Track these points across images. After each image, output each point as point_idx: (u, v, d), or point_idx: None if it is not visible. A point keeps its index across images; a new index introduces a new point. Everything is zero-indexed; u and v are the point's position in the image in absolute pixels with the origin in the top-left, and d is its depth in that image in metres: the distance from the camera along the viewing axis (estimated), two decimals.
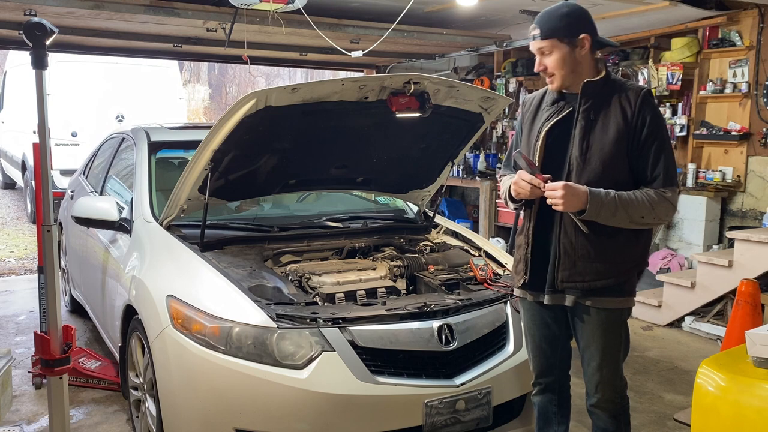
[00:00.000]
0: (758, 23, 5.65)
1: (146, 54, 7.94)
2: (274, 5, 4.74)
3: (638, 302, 5.63)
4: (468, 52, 7.48)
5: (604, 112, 2.32)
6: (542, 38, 2.32)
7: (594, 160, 2.31)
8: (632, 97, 2.30)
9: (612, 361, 2.44)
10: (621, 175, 2.32)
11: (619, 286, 2.40)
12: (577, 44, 2.31)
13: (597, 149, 2.31)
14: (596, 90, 2.34)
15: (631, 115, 2.29)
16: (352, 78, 2.97)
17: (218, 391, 2.54)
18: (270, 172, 3.34)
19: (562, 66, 2.33)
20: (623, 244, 2.36)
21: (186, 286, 2.82)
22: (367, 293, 3.02)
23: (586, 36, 2.31)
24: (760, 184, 5.71)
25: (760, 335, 2.34)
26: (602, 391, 2.47)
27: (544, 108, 2.47)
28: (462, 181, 7.90)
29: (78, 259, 4.54)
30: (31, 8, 5.00)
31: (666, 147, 2.31)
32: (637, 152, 2.31)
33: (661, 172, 2.30)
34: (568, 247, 2.36)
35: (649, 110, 2.29)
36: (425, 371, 2.67)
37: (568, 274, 2.37)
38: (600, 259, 2.35)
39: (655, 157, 2.30)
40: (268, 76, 26.38)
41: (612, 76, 2.39)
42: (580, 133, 2.33)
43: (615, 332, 2.43)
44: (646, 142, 2.29)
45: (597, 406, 2.50)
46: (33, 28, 2.32)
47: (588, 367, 2.49)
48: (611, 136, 2.29)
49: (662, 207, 2.29)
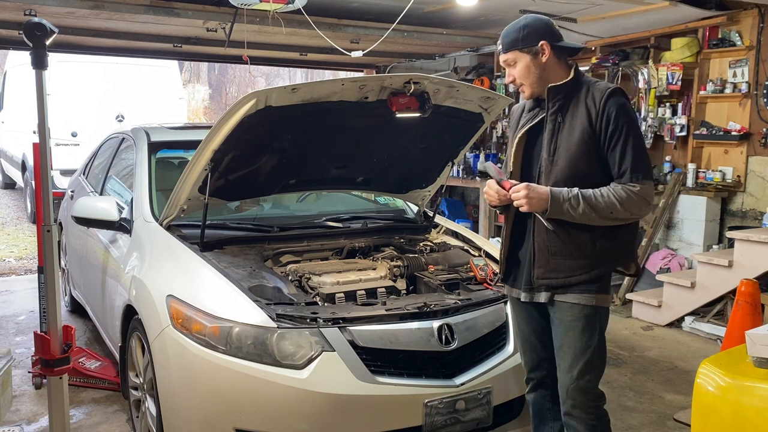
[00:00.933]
0: (758, 23, 5.65)
1: (146, 54, 7.94)
2: (274, 5, 4.74)
3: (638, 302, 5.64)
4: (468, 52, 7.48)
5: (571, 114, 2.38)
6: (504, 51, 2.44)
7: (561, 161, 2.37)
8: (597, 96, 2.35)
9: (584, 362, 2.41)
10: (590, 174, 2.36)
11: (593, 283, 2.39)
12: (538, 52, 2.38)
13: (563, 150, 2.37)
14: (562, 93, 2.40)
15: (595, 113, 2.33)
16: (352, 78, 2.97)
17: (218, 391, 2.54)
18: (270, 172, 3.34)
19: (528, 74, 2.41)
20: (598, 240, 2.38)
21: (186, 286, 2.82)
22: (367, 293, 3.02)
23: (544, 42, 2.38)
24: (760, 184, 5.71)
25: (760, 335, 2.34)
26: (573, 397, 2.44)
27: (523, 115, 2.56)
28: (462, 181, 7.89)
29: (78, 259, 4.54)
30: (31, 8, 5.00)
31: (632, 141, 2.33)
32: (604, 149, 2.35)
33: (628, 166, 2.32)
34: (542, 245, 2.41)
35: (614, 107, 2.32)
36: (425, 371, 2.67)
37: (542, 271, 2.42)
38: (573, 256, 2.38)
39: (622, 151, 2.32)
40: (268, 76, 26.38)
41: (582, 78, 2.44)
42: (548, 135, 2.41)
43: (587, 331, 2.40)
44: (612, 138, 2.33)
45: (570, 414, 2.46)
46: (33, 28, 2.33)
47: (560, 370, 2.47)
48: (576, 136, 2.35)
49: (630, 201, 2.30)
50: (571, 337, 2.42)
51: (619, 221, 2.36)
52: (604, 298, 2.44)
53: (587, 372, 2.43)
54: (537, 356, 2.62)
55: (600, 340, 2.44)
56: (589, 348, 2.42)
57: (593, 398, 2.46)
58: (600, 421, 2.48)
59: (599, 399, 2.49)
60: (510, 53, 2.42)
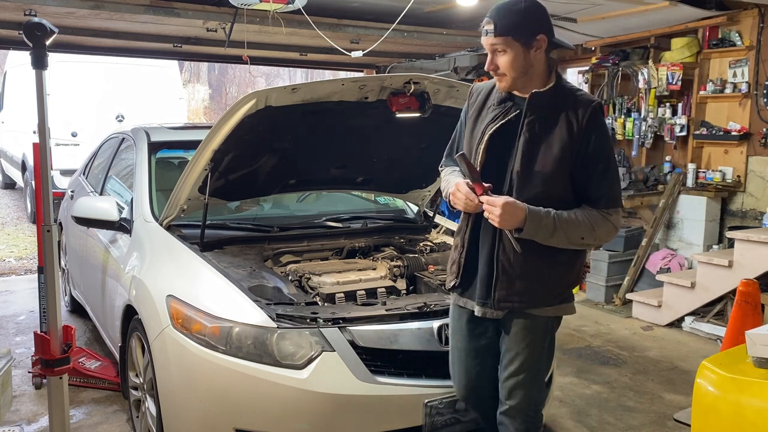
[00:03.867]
0: (758, 23, 5.65)
1: (146, 54, 7.94)
2: (274, 5, 4.74)
3: (638, 302, 5.64)
4: (468, 52, 7.47)
5: (549, 126, 2.17)
6: (496, 35, 2.12)
7: (535, 177, 2.18)
8: (580, 112, 2.15)
9: (531, 368, 2.29)
10: (562, 193, 2.20)
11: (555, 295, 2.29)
12: (533, 45, 2.14)
13: (540, 166, 2.17)
14: (543, 102, 2.18)
15: (577, 131, 2.14)
16: (352, 78, 2.97)
17: (218, 391, 2.54)
18: (270, 172, 3.34)
19: (515, 67, 2.15)
20: (562, 264, 2.26)
21: (186, 286, 2.82)
22: (367, 293, 3.03)
23: (543, 37, 2.15)
24: (760, 184, 5.71)
25: (760, 335, 2.34)
26: (515, 398, 2.30)
27: (490, 106, 2.30)
28: None
29: (78, 259, 4.54)
30: (31, 8, 5.00)
31: (611, 167, 2.21)
32: (579, 170, 2.18)
33: (606, 192, 2.19)
34: (507, 265, 2.23)
35: (596, 127, 2.16)
36: (425, 371, 2.67)
37: (505, 294, 2.24)
38: (538, 281, 2.24)
39: (600, 177, 2.19)
40: (268, 76, 26.38)
41: (563, 84, 2.23)
42: (523, 147, 2.18)
43: (539, 338, 2.29)
44: (591, 160, 2.17)
45: (507, 414, 2.33)
46: (33, 28, 2.33)
47: (504, 371, 2.32)
48: (554, 153, 2.16)
49: (604, 228, 2.20)
50: (521, 342, 2.28)
51: (583, 246, 2.25)
52: (564, 308, 2.33)
53: (534, 379, 2.32)
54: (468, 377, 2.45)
55: (549, 348, 2.37)
56: (540, 355, 2.32)
57: (535, 402, 2.35)
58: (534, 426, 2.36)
59: (540, 405, 2.40)
60: (501, 39, 2.12)
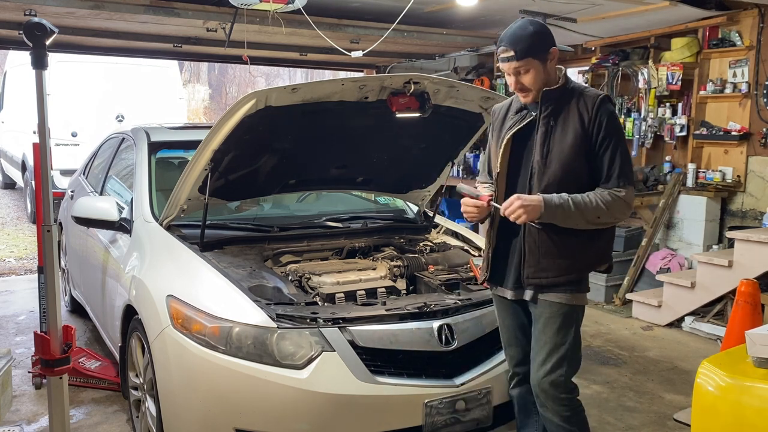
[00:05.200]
0: (758, 23, 5.65)
1: (146, 54, 7.94)
2: (274, 5, 4.74)
3: (638, 302, 5.64)
4: (468, 52, 7.47)
5: (563, 118, 2.43)
6: (518, 59, 2.39)
7: (554, 163, 2.43)
8: (589, 102, 2.41)
9: (558, 357, 2.46)
10: (580, 177, 2.43)
11: (574, 283, 2.48)
12: (548, 58, 2.43)
13: (557, 153, 2.42)
14: (555, 97, 2.45)
15: (588, 119, 2.39)
16: (352, 78, 2.97)
17: (218, 391, 2.54)
18: (270, 172, 3.34)
19: (537, 81, 2.43)
20: (585, 241, 2.46)
21: (186, 286, 2.82)
22: (367, 293, 3.02)
23: (555, 49, 2.44)
24: (760, 184, 5.71)
25: (760, 335, 2.34)
26: (545, 389, 2.48)
27: (509, 117, 2.59)
28: (462, 181, 7.89)
29: (78, 259, 4.54)
30: (31, 8, 5.00)
31: (620, 148, 2.42)
32: (594, 154, 2.41)
33: (616, 171, 2.40)
34: (533, 245, 2.47)
35: (605, 114, 2.40)
36: (425, 371, 2.67)
37: (533, 271, 2.47)
38: (562, 256, 2.45)
39: (611, 157, 2.40)
40: (268, 76, 26.38)
41: (570, 84, 2.49)
42: (541, 138, 2.45)
43: (564, 328, 2.47)
44: (602, 144, 2.40)
45: (544, 406, 2.52)
46: (33, 28, 2.33)
47: (534, 364, 2.53)
48: (569, 140, 2.41)
49: (616, 206, 2.39)
50: (547, 333, 2.48)
51: (602, 225, 2.45)
52: (582, 297, 2.52)
53: (560, 366, 2.47)
54: (522, 351, 2.66)
55: (575, 337, 2.50)
56: (564, 344, 2.47)
57: (565, 391, 2.50)
58: (574, 412, 2.52)
59: (572, 391, 2.53)
60: (524, 60, 2.39)
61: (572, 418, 2.51)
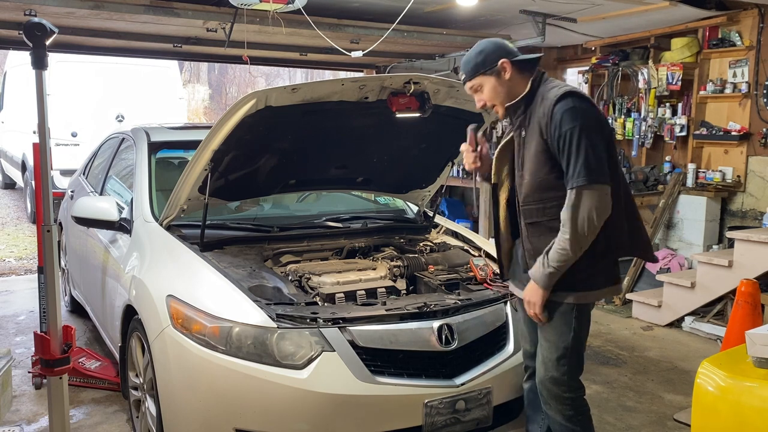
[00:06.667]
0: (758, 23, 5.65)
1: (146, 54, 7.93)
2: (274, 5, 4.74)
3: (638, 302, 5.64)
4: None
5: (530, 128, 2.44)
6: (469, 79, 2.50)
7: (526, 175, 2.45)
8: (547, 104, 2.36)
9: (558, 355, 2.47)
10: (555, 186, 2.37)
11: (573, 281, 2.40)
12: (499, 71, 2.44)
13: (527, 164, 2.45)
14: (520, 108, 2.46)
15: (545, 123, 2.35)
16: (352, 78, 2.97)
17: (218, 391, 2.54)
18: (270, 172, 3.34)
19: (496, 95, 2.47)
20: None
21: (186, 286, 2.82)
22: (367, 293, 3.02)
23: (504, 60, 2.43)
24: (760, 184, 5.71)
25: (760, 335, 2.34)
26: (548, 388, 2.51)
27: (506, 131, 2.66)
28: (462, 181, 7.89)
29: (78, 259, 4.54)
30: (31, 8, 4.99)
31: (576, 144, 2.28)
32: (559, 155, 2.34)
33: (572, 167, 2.29)
34: (529, 246, 2.50)
35: (560, 112, 2.31)
36: (425, 371, 2.67)
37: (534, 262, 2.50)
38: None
39: (567, 158, 2.31)
40: (268, 76, 26.38)
41: (540, 88, 2.44)
42: (517, 150, 2.52)
43: (561, 326, 2.46)
44: (560, 145, 2.33)
45: (548, 404, 2.54)
46: (33, 28, 2.33)
47: (538, 361, 2.56)
48: (533, 149, 2.42)
49: (574, 222, 2.27)
50: (548, 331, 2.50)
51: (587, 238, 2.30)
52: (583, 295, 2.45)
53: (561, 365, 2.48)
54: (532, 345, 2.68)
55: (577, 335, 2.48)
56: (565, 342, 2.47)
57: (568, 390, 2.50)
58: (577, 411, 2.52)
59: (575, 390, 2.53)
60: (475, 79, 2.48)
61: (575, 418, 2.51)
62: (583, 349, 2.55)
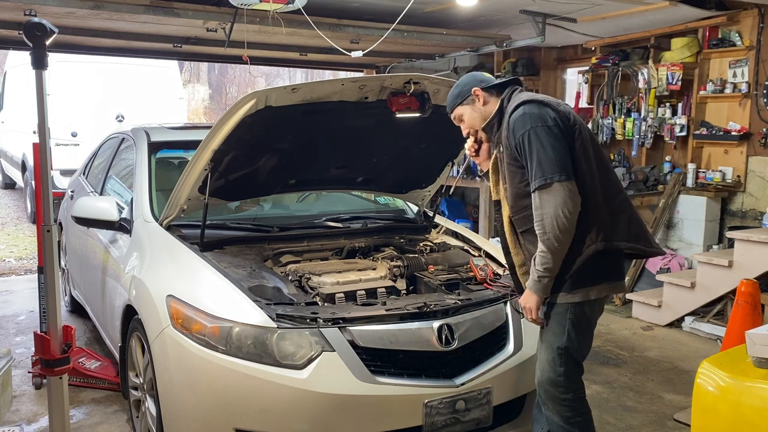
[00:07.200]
0: (758, 23, 5.65)
1: (146, 54, 7.92)
2: (274, 5, 4.74)
3: (638, 302, 5.64)
4: (468, 52, 7.47)
5: (503, 144, 2.53)
6: (450, 112, 2.70)
7: (508, 187, 2.55)
8: (507, 118, 2.48)
9: (554, 356, 2.49)
10: (525, 191, 2.44)
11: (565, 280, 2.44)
12: (473, 99, 2.60)
13: (507, 177, 2.54)
14: (493, 128, 2.57)
15: (506, 136, 2.47)
16: (352, 78, 2.97)
17: (218, 391, 2.54)
18: (270, 172, 3.34)
19: (474, 120, 2.62)
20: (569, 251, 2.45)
21: (186, 286, 2.82)
22: (367, 293, 3.02)
23: (475, 89, 2.59)
24: (760, 184, 5.71)
25: (760, 335, 2.34)
26: (545, 388, 2.53)
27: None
28: (462, 181, 7.89)
29: (78, 259, 4.54)
30: (31, 8, 4.99)
31: (529, 145, 2.36)
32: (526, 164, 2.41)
33: (529, 171, 2.38)
34: (528, 255, 2.55)
35: (514, 122, 2.42)
36: (425, 371, 2.67)
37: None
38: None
39: (526, 160, 2.40)
40: (268, 76, 26.38)
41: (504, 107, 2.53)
42: (500, 167, 2.60)
43: (556, 327, 2.49)
44: (518, 150, 2.42)
45: (545, 404, 2.56)
46: (33, 28, 2.33)
47: (536, 363, 2.61)
48: (506, 161, 2.52)
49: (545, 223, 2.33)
50: (545, 331, 2.54)
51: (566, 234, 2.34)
52: (575, 294, 2.45)
53: (557, 366, 2.49)
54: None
55: (569, 337, 2.48)
56: (560, 342, 2.48)
57: (566, 391, 2.51)
58: (575, 413, 2.52)
59: (573, 392, 2.52)
60: (455, 111, 2.66)
61: (573, 419, 2.50)
62: (581, 350, 2.55)
